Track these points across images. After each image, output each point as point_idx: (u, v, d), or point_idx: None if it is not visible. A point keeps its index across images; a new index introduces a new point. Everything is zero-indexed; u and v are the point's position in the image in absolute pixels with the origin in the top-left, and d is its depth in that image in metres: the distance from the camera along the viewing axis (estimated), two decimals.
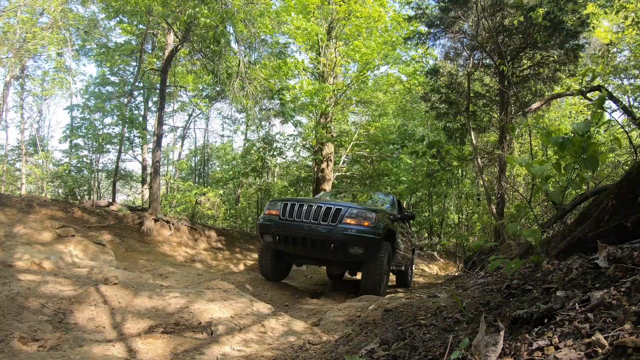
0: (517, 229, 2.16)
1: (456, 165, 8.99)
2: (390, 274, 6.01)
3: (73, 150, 15.09)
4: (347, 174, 15.62)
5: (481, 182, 10.35)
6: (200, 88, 15.66)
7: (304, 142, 14.12)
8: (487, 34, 7.79)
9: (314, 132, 12.66)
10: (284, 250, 4.80)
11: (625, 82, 9.66)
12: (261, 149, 13.08)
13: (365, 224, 4.41)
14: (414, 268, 10.14)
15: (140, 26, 12.65)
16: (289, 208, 4.64)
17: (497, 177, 8.84)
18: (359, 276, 7.55)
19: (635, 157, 3.79)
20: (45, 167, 17.97)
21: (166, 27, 10.86)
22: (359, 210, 4.52)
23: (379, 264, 4.50)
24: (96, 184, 15.60)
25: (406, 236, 6.56)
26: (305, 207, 4.55)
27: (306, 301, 4.62)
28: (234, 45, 9.25)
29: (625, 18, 7.15)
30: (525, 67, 8.60)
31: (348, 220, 4.41)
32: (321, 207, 4.50)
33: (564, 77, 8.07)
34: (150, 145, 13.30)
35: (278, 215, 4.67)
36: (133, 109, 14.80)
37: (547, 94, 8.35)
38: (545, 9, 6.97)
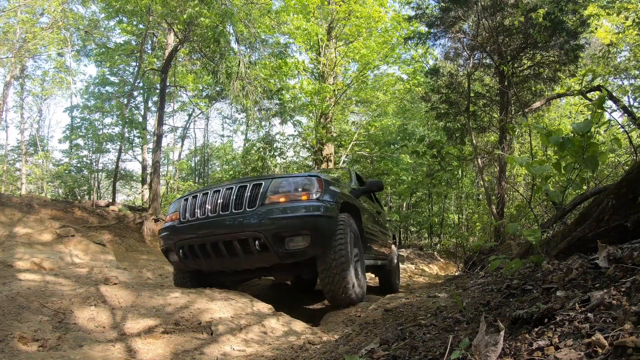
0: (517, 229, 2.16)
1: (456, 165, 9.00)
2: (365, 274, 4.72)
3: (73, 150, 15.10)
4: None
5: (481, 182, 10.35)
6: (200, 88, 15.67)
7: (304, 142, 14.12)
8: (487, 34, 7.79)
9: (314, 132, 12.66)
10: (201, 269, 3.36)
11: (625, 82, 9.67)
12: (261, 149, 13.10)
13: (303, 196, 2.98)
14: (413, 268, 10.15)
15: (140, 26, 12.66)
16: (189, 204, 3.24)
17: (497, 177, 8.84)
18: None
19: (635, 157, 3.79)
20: (45, 167, 17.98)
21: (166, 27, 10.87)
22: (288, 180, 3.11)
23: (340, 254, 3.02)
24: (96, 184, 15.61)
25: (380, 219, 5.11)
26: (210, 196, 3.14)
27: (306, 301, 4.62)
28: (234, 45, 9.26)
29: (626, 18, 7.15)
30: (525, 67, 8.60)
31: (274, 198, 2.97)
32: (232, 188, 3.09)
33: (564, 77, 8.08)
34: (150, 145, 13.31)
35: (178, 218, 3.28)
36: (133, 109, 14.81)
37: (547, 94, 8.36)
38: (546, 9, 6.97)
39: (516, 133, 8.77)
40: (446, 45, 9.35)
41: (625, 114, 5.83)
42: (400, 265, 9.57)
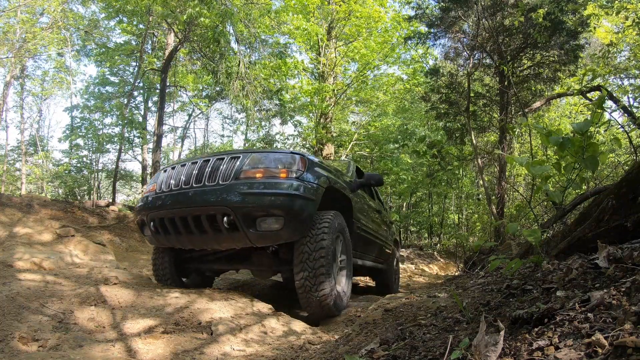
0: (517, 229, 2.16)
1: (456, 165, 9.00)
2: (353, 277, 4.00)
3: (73, 150, 15.10)
4: None
5: (481, 182, 10.35)
6: (200, 88, 15.67)
7: (304, 143, 14.12)
8: (487, 34, 7.79)
9: (313, 132, 12.66)
10: (173, 246, 3.14)
11: (625, 82, 9.67)
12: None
13: (282, 174, 2.71)
14: (413, 268, 10.15)
15: (140, 26, 12.66)
16: (167, 175, 3.05)
17: (497, 177, 8.84)
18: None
19: (635, 157, 3.79)
20: (45, 167, 17.98)
21: (166, 27, 10.87)
22: (268, 155, 2.85)
23: (319, 253, 2.69)
24: (96, 184, 15.62)
25: (380, 218, 4.79)
26: (188, 167, 2.94)
27: None
28: (234, 45, 9.26)
29: (626, 18, 7.16)
30: (525, 67, 8.61)
31: (250, 173, 2.72)
32: (209, 160, 2.88)
33: (564, 77, 8.08)
34: (150, 145, 13.30)
35: (155, 190, 3.08)
36: (133, 109, 14.80)
37: (547, 94, 8.36)
38: (546, 9, 6.97)
39: (516, 133, 8.77)
40: (446, 45, 9.36)
41: (625, 114, 5.84)
42: (400, 265, 9.57)
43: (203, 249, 3.15)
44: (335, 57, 12.76)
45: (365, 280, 6.78)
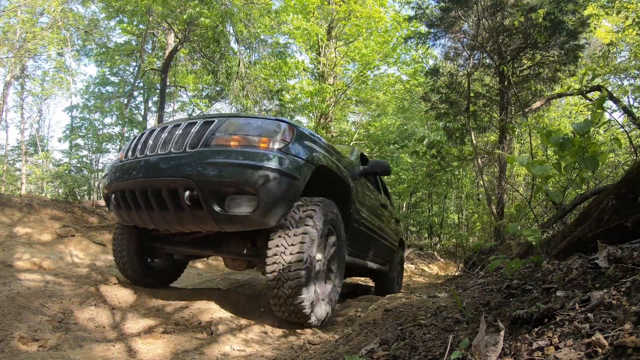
0: (517, 229, 2.16)
1: (456, 165, 9.00)
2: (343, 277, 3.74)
3: (73, 150, 15.10)
4: None
5: (481, 182, 10.35)
6: (200, 88, 15.68)
7: None
8: (487, 34, 7.79)
9: None
10: (135, 224, 2.68)
11: (625, 82, 9.67)
12: None
13: (262, 143, 2.23)
14: (413, 268, 10.15)
15: (140, 26, 12.66)
16: (136, 140, 2.63)
17: (497, 177, 8.84)
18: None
19: (635, 157, 3.79)
20: (45, 167, 17.98)
21: (166, 27, 10.86)
22: (248, 121, 2.36)
23: (299, 239, 2.23)
24: (96, 184, 15.61)
25: (385, 214, 4.36)
26: (157, 132, 2.50)
27: None
28: (234, 45, 9.27)
29: (626, 18, 7.16)
30: (525, 67, 8.61)
31: (223, 140, 2.24)
32: (179, 124, 2.43)
33: (564, 77, 8.08)
34: None
35: (122, 158, 2.66)
36: (133, 109, 14.81)
37: (547, 94, 8.36)
38: (546, 9, 6.98)
39: (516, 133, 8.77)
40: (446, 45, 9.36)
41: (625, 114, 5.84)
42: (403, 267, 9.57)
43: (168, 230, 2.62)
44: (335, 57, 12.76)
45: (366, 280, 6.78)
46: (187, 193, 2.15)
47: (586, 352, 0.86)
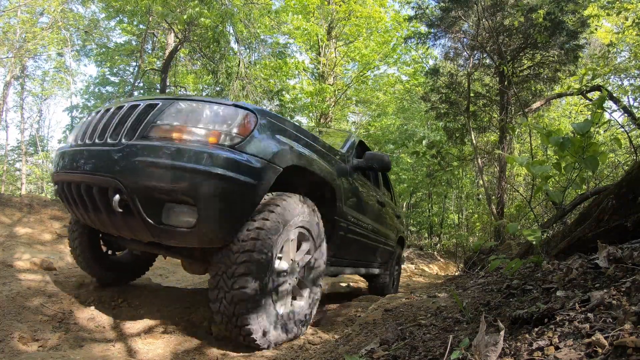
0: (517, 229, 2.16)
1: (456, 165, 9.01)
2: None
3: None
4: None
5: (481, 182, 10.36)
6: (201, 88, 15.66)
7: None
8: (487, 34, 7.79)
9: None
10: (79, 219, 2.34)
11: (625, 82, 9.68)
12: None
13: (211, 138, 1.79)
14: (413, 268, 10.15)
15: (140, 26, 12.66)
16: (82, 122, 2.28)
17: (497, 177, 8.84)
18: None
19: (635, 157, 3.79)
20: (45, 167, 17.99)
21: (166, 27, 10.86)
22: (199, 106, 1.87)
23: (253, 245, 1.83)
24: None
25: (384, 213, 3.89)
26: (102, 114, 2.10)
27: None
28: (234, 45, 9.27)
29: (626, 19, 7.17)
30: (525, 67, 8.61)
31: (163, 130, 1.81)
32: (122, 107, 2.02)
33: (564, 77, 8.09)
34: None
35: (72, 142, 2.26)
36: None
37: (547, 94, 8.37)
38: (546, 9, 6.98)
39: (516, 133, 8.77)
40: (446, 45, 9.36)
41: (625, 114, 5.84)
42: (401, 266, 9.57)
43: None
44: (335, 57, 12.77)
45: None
46: (116, 197, 1.76)
47: (586, 352, 0.86)
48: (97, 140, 1.96)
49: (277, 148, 1.96)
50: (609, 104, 5.77)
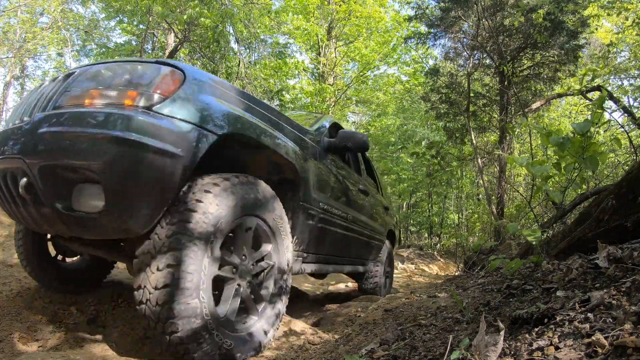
0: (517, 229, 2.16)
1: (456, 165, 9.01)
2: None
3: None
4: None
5: (481, 182, 10.36)
6: None
7: None
8: (487, 34, 7.80)
9: None
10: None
11: (625, 82, 9.68)
12: None
13: (127, 99, 1.45)
14: (413, 268, 10.14)
15: (140, 26, 12.67)
16: (24, 99, 1.91)
17: (497, 177, 8.85)
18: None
19: (635, 157, 3.79)
20: None
21: (166, 27, 10.87)
22: (118, 66, 1.58)
23: (176, 242, 1.41)
24: None
25: (367, 201, 3.43)
26: (34, 90, 1.87)
27: (306, 301, 4.62)
28: (234, 45, 9.28)
29: (626, 19, 7.17)
30: (525, 67, 8.62)
31: (76, 98, 1.49)
32: (56, 78, 1.73)
33: (564, 77, 8.09)
34: None
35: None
36: None
37: (547, 94, 8.37)
38: (546, 9, 6.99)
39: (516, 133, 8.78)
40: (446, 45, 9.37)
41: (625, 114, 5.84)
42: (400, 265, 9.57)
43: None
44: (336, 57, 12.77)
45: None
46: (23, 180, 1.46)
47: (586, 352, 0.86)
48: (23, 118, 1.63)
49: (211, 111, 1.59)
50: (609, 104, 5.77)
